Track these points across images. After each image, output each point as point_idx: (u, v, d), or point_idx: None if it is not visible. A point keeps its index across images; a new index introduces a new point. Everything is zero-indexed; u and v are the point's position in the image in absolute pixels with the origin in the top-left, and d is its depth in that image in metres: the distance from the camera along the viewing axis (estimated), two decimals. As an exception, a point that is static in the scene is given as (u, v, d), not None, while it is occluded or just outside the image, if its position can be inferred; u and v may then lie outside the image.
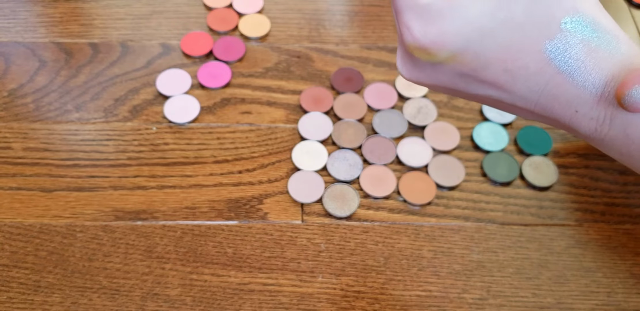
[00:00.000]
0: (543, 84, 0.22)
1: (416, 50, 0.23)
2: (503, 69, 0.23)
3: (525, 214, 0.46)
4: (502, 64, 0.22)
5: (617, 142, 0.23)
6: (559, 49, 0.22)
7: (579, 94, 0.22)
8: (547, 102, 0.23)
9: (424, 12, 0.22)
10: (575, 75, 0.22)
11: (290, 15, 0.56)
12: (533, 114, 0.24)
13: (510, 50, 0.22)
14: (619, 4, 0.59)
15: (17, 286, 0.41)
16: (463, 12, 0.22)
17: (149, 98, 0.50)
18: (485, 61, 0.23)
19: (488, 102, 0.25)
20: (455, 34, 0.22)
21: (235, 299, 0.42)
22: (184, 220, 0.45)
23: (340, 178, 0.47)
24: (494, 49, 0.22)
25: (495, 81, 0.23)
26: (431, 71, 0.24)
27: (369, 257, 0.44)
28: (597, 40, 0.22)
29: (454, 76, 0.24)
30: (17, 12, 0.55)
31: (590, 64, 0.22)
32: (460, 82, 0.24)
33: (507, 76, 0.23)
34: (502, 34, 0.22)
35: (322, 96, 0.51)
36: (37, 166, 0.46)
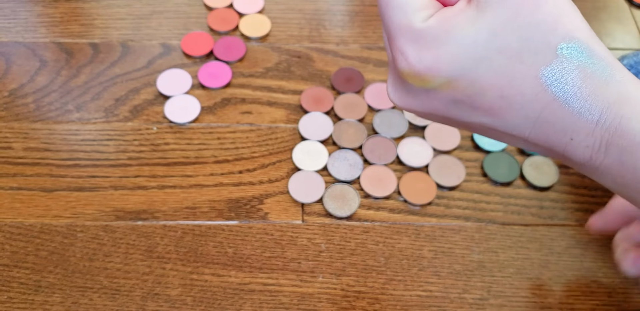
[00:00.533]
0: (539, 110, 0.22)
1: (410, 76, 0.23)
2: (499, 95, 0.22)
3: (526, 214, 0.46)
4: (498, 91, 0.22)
5: (612, 171, 0.22)
6: (555, 74, 0.22)
7: (575, 121, 0.22)
8: (542, 130, 0.23)
9: (419, 38, 0.22)
10: (571, 101, 0.22)
11: (291, 15, 0.56)
12: (526, 143, 0.24)
13: (506, 77, 0.22)
14: (620, 4, 0.59)
15: (17, 286, 0.41)
16: (458, 39, 0.22)
17: (150, 98, 0.50)
18: (481, 87, 0.22)
19: (480, 131, 0.25)
20: (451, 61, 0.22)
21: (236, 299, 0.42)
22: (184, 220, 0.45)
23: (341, 178, 0.47)
24: (490, 75, 0.22)
25: (491, 107, 0.23)
26: (425, 97, 0.24)
27: (370, 257, 0.44)
28: (592, 67, 0.22)
29: (448, 103, 0.24)
30: (18, 12, 0.55)
31: (587, 91, 0.22)
32: (454, 109, 0.24)
33: (503, 103, 0.22)
34: (497, 61, 0.22)
35: (322, 96, 0.51)
36: (38, 166, 0.47)
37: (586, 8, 0.58)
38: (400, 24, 0.23)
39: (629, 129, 0.22)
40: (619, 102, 0.22)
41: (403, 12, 0.23)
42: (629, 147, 0.22)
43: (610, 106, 0.22)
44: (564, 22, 0.22)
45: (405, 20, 0.23)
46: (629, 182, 0.22)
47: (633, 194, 0.23)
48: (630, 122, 0.22)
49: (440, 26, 0.22)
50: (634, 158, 0.22)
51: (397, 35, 0.23)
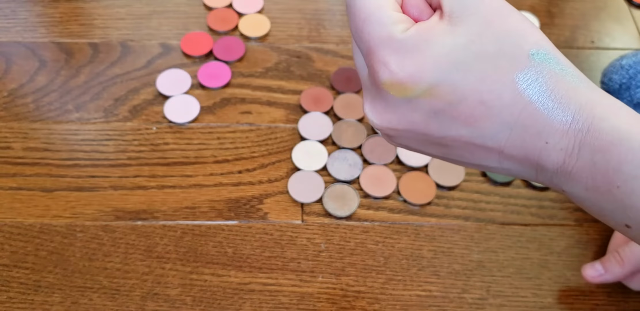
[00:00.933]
0: (516, 114, 0.23)
1: (392, 86, 0.24)
2: (479, 100, 0.23)
3: (525, 214, 0.46)
4: (478, 96, 0.23)
5: (583, 174, 0.23)
6: (529, 78, 0.23)
7: (550, 123, 0.23)
8: (518, 136, 0.23)
9: (399, 47, 0.23)
10: (545, 103, 0.23)
11: (290, 15, 0.56)
12: (500, 156, 0.25)
13: (485, 82, 0.23)
14: (619, 4, 0.59)
15: (17, 286, 0.41)
16: (438, 46, 0.23)
17: (149, 98, 0.50)
18: (462, 93, 0.23)
19: (455, 150, 0.25)
20: (432, 67, 0.23)
21: (236, 299, 0.42)
22: (184, 220, 0.45)
23: (340, 178, 0.47)
24: (470, 80, 0.23)
25: (470, 115, 0.23)
26: (405, 109, 0.24)
27: (369, 257, 0.44)
28: (562, 72, 0.23)
29: (428, 115, 0.24)
30: (17, 12, 0.55)
31: (560, 93, 0.23)
32: (433, 121, 0.24)
33: (482, 109, 0.23)
34: (476, 66, 0.23)
35: (322, 95, 0.51)
36: (37, 165, 0.47)
37: (586, 8, 0.58)
38: (381, 37, 0.23)
39: (600, 128, 0.22)
40: (591, 104, 0.23)
41: (382, 25, 0.23)
42: (601, 146, 0.22)
43: (583, 106, 0.23)
44: (531, 32, 0.23)
45: (385, 32, 0.23)
46: (599, 184, 0.23)
47: (601, 203, 0.23)
48: (602, 121, 0.22)
49: (420, 35, 0.23)
50: (606, 157, 0.22)
51: (378, 47, 0.24)
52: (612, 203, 0.23)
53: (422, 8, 0.25)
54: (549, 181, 0.25)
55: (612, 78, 0.48)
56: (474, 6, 0.23)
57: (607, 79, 0.48)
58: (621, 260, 0.39)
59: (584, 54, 0.55)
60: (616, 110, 0.23)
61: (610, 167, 0.22)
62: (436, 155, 0.26)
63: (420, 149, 0.26)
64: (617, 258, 0.40)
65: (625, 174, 0.22)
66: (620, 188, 0.22)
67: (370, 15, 0.24)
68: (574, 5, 0.59)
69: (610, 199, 0.23)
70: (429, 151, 0.26)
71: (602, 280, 0.40)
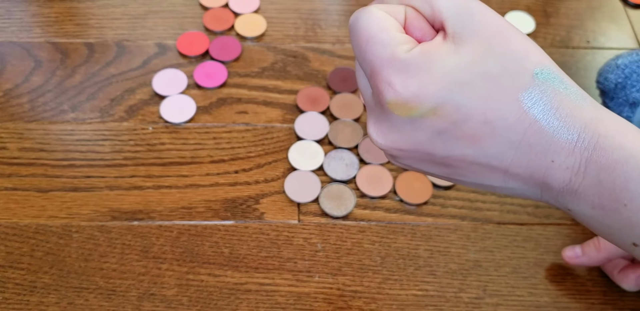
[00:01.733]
0: (521, 134, 0.23)
1: (397, 105, 0.24)
2: (483, 120, 0.23)
3: (522, 213, 0.46)
4: (482, 116, 0.23)
5: (590, 193, 0.23)
6: (534, 97, 0.23)
7: (555, 141, 0.23)
8: (524, 155, 0.23)
9: (404, 67, 0.23)
10: (550, 121, 0.23)
11: (287, 14, 0.56)
12: (505, 176, 0.24)
13: (490, 102, 0.23)
14: (614, 4, 0.59)
15: (12, 287, 0.41)
16: (442, 66, 0.23)
17: (145, 98, 0.50)
18: (466, 112, 0.23)
19: (460, 170, 0.25)
20: (436, 87, 0.23)
21: (232, 299, 0.42)
22: (180, 220, 0.45)
23: (337, 178, 0.47)
24: (474, 100, 0.23)
25: (475, 134, 0.23)
26: (409, 129, 0.24)
27: (366, 257, 0.44)
28: (565, 91, 0.23)
29: (432, 134, 0.24)
30: (12, 12, 0.55)
31: (564, 111, 0.23)
32: (438, 141, 0.24)
33: (487, 128, 0.23)
34: (480, 86, 0.23)
35: (318, 95, 0.51)
36: (33, 166, 0.46)
37: (581, 8, 0.59)
38: (385, 58, 0.23)
39: (606, 146, 0.22)
40: (595, 122, 0.23)
41: (386, 46, 0.24)
42: (607, 165, 0.22)
43: (588, 125, 0.23)
44: (533, 52, 0.23)
45: (389, 53, 0.23)
46: (605, 203, 0.23)
47: (608, 222, 0.23)
48: (607, 139, 0.22)
49: (424, 55, 0.23)
50: (612, 175, 0.22)
51: (382, 68, 0.24)
52: (619, 222, 0.23)
53: (426, 30, 0.25)
54: (554, 201, 0.25)
55: (607, 77, 0.48)
56: (476, 27, 0.23)
57: (603, 78, 0.48)
58: (599, 246, 0.41)
59: (579, 54, 0.56)
60: (621, 128, 0.23)
61: (616, 185, 0.22)
62: (440, 175, 0.26)
63: (425, 170, 0.26)
64: (596, 243, 0.41)
65: (632, 192, 0.22)
66: (628, 206, 0.22)
67: (373, 36, 0.24)
68: (569, 5, 0.59)
69: (617, 218, 0.23)
70: (433, 172, 0.26)
71: (579, 262, 0.42)
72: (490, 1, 0.58)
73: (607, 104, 0.49)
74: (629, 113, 0.47)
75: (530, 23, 0.57)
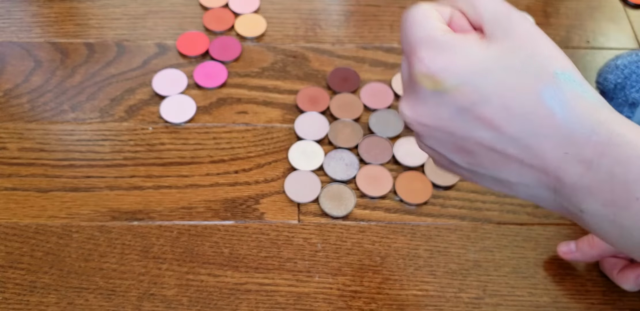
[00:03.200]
0: (537, 123, 0.24)
1: (424, 77, 0.26)
2: (502, 105, 0.24)
3: (521, 213, 0.46)
4: (501, 100, 0.24)
5: (602, 188, 0.24)
6: (553, 92, 0.24)
7: (570, 134, 0.24)
8: (539, 145, 0.24)
9: (437, 45, 0.26)
10: (566, 116, 0.24)
11: (287, 15, 0.56)
12: (521, 167, 0.25)
13: (510, 90, 0.24)
14: (614, 4, 0.59)
15: (12, 287, 0.41)
16: (471, 53, 0.25)
17: (145, 98, 0.50)
18: (486, 95, 0.25)
19: (479, 159, 0.27)
20: (462, 67, 0.25)
21: (232, 299, 0.42)
22: (180, 220, 0.45)
23: (337, 178, 0.47)
24: (495, 85, 0.25)
25: (493, 117, 0.25)
26: (433, 103, 0.26)
27: (366, 257, 0.44)
28: (583, 93, 0.24)
29: (454, 112, 0.26)
30: (12, 12, 0.55)
31: (580, 109, 0.24)
32: (458, 119, 0.26)
33: (505, 113, 0.24)
34: (502, 76, 0.25)
35: (318, 95, 0.51)
36: (33, 166, 0.46)
37: (581, 8, 0.59)
38: (422, 36, 0.26)
39: (619, 142, 0.23)
40: (609, 121, 0.24)
41: (425, 28, 0.26)
42: (620, 159, 0.23)
43: (602, 123, 0.24)
44: (558, 57, 0.25)
45: (426, 33, 0.26)
46: (618, 198, 0.23)
47: (620, 219, 0.24)
48: (620, 137, 0.23)
49: (457, 40, 0.26)
50: (625, 169, 0.23)
51: (417, 45, 0.26)
52: (630, 218, 0.23)
53: (466, 28, 0.27)
54: (567, 202, 0.25)
55: (607, 78, 0.48)
56: (511, 31, 0.25)
57: (602, 78, 0.48)
58: (592, 243, 0.41)
59: (579, 54, 0.56)
60: (634, 128, 0.24)
61: (629, 179, 0.23)
62: (462, 166, 0.28)
63: (448, 156, 0.28)
64: (590, 240, 0.42)
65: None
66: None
67: (416, 21, 0.27)
68: (569, 5, 0.59)
69: (629, 214, 0.23)
70: (455, 159, 0.28)
71: (572, 257, 0.42)
72: (490, 1, 0.58)
73: (606, 104, 0.49)
74: (628, 113, 0.47)
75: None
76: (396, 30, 0.56)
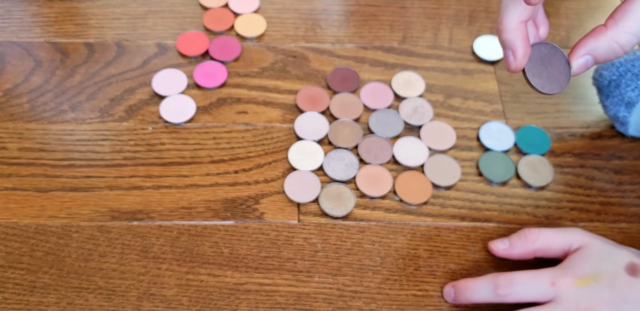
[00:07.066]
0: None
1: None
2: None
3: (521, 213, 0.46)
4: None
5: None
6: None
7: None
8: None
9: None
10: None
11: (286, 15, 0.56)
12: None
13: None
14: (613, 4, 0.59)
15: (12, 287, 0.41)
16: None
17: (145, 98, 0.50)
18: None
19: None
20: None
21: (232, 299, 0.42)
22: (180, 220, 0.45)
23: (337, 178, 0.47)
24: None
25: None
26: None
27: (366, 257, 0.44)
28: None
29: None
30: (12, 11, 0.55)
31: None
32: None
33: None
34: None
35: (318, 95, 0.51)
36: (33, 166, 0.46)
37: (581, 8, 0.59)
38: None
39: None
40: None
41: None
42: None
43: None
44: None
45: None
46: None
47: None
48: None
49: None
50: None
51: None
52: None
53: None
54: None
55: (602, 74, 0.48)
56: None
57: (598, 74, 0.48)
58: (526, 238, 0.42)
59: (579, 54, 0.56)
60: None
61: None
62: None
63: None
64: (524, 236, 0.42)
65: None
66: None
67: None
68: (569, 5, 0.59)
69: None
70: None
71: (506, 254, 0.42)
72: (491, 1, 0.58)
73: (603, 102, 0.49)
74: (625, 113, 0.47)
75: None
76: (396, 31, 0.56)
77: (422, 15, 0.57)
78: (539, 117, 0.51)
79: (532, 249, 0.41)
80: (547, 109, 0.52)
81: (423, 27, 0.56)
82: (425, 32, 0.56)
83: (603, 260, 0.38)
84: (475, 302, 0.41)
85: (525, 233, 0.42)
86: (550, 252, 0.41)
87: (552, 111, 0.52)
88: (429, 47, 0.55)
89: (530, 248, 0.41)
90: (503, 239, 0.43)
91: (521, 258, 0.42)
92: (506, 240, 0.43)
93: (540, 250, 0.41)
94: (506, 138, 0.49)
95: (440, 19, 0.57)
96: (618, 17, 0.32)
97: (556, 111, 0.52)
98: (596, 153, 0.50)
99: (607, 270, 0.38)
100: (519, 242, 0.42)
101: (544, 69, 0.35)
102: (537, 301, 0.38)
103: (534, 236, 0.41)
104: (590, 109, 0.52)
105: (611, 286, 0.37)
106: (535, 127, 0.50)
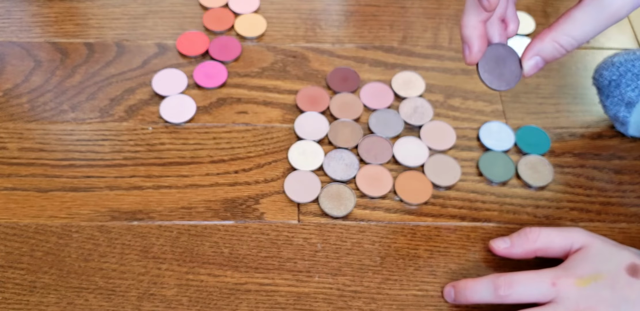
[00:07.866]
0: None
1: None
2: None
3: (521, 213, 0.46)
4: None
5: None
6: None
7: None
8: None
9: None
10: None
11: (286, 15, 0.56)
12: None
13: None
14: (614, 4, 0.59)
15: (12, 287, 0.41)
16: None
17: (145, 98, 0.50)
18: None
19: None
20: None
21: (232, 299, 0.42)
22: (180, 220, 0.45)
23: (337, 178, 0.47)
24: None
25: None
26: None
27: (366, 257, 0.44)
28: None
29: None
30: (12, 11, 0.55)
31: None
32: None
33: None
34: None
35: (318, 95, 0.51)
36: (33, 166, 0.46)
37: (581, 8, 0.58)
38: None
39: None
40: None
41: None
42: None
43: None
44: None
45: None
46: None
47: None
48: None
49: None
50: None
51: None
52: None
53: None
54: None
55: (602, 74, 0.48)
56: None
57: (598, 74, 0.48)
58: (527, 237, 0.42)
59: (579, 54, 0.56)
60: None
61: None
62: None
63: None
64: (524, 235, 0.42)
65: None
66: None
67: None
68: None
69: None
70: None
71: (507, 253, 0.42)
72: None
73: (603, 102, 0.49)
74: (625, 113, 0.47)
75: (530, 23, 0.57)
76: (396, 31, 0.56)
77: (422, 15, 0.57)
78: (539, 117, 0.51)
79: (533, 248, 0.41)
80: (547, 109, 0.52)
81: (423, 27, 0.56)
82: (425, 32, 0.56)
83: (604, 261, 0.38)
84: (476, 302, 0.41)
85: (526, 232, 0.42)
86: (551, 251, 0.41)
87: (552, 111, 0.52)
88: (429, 47, 0.55)
89: (531, 247, 0.41)
90: (504, 238, 0.43)
91: (522, 257, 0.42)
92: (507, 239, 0.42)
93: (541, 249, 0.41)
94: (506, 138, 0.49)
95: (440, 19, 0.57)
96: (561, 21, 0.36)
97: (556, 111, 0.52)
98: (596, 153, 0.50)
99: (608, 270, 0.38)
100: (519, 241, 0.42)
101: (497, 67, 0.37)
102: (538, 301, 0.38)
103: (535, 235, 0.41)
104: (590, 109, 0.52)
105: (612, 287, 0.37)
106: (535, 127, 0.50)
